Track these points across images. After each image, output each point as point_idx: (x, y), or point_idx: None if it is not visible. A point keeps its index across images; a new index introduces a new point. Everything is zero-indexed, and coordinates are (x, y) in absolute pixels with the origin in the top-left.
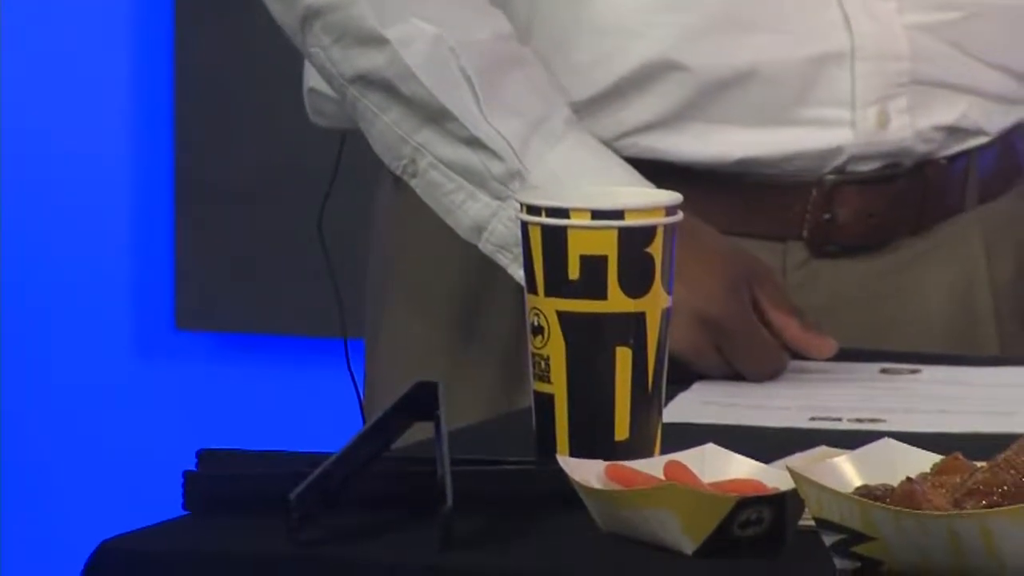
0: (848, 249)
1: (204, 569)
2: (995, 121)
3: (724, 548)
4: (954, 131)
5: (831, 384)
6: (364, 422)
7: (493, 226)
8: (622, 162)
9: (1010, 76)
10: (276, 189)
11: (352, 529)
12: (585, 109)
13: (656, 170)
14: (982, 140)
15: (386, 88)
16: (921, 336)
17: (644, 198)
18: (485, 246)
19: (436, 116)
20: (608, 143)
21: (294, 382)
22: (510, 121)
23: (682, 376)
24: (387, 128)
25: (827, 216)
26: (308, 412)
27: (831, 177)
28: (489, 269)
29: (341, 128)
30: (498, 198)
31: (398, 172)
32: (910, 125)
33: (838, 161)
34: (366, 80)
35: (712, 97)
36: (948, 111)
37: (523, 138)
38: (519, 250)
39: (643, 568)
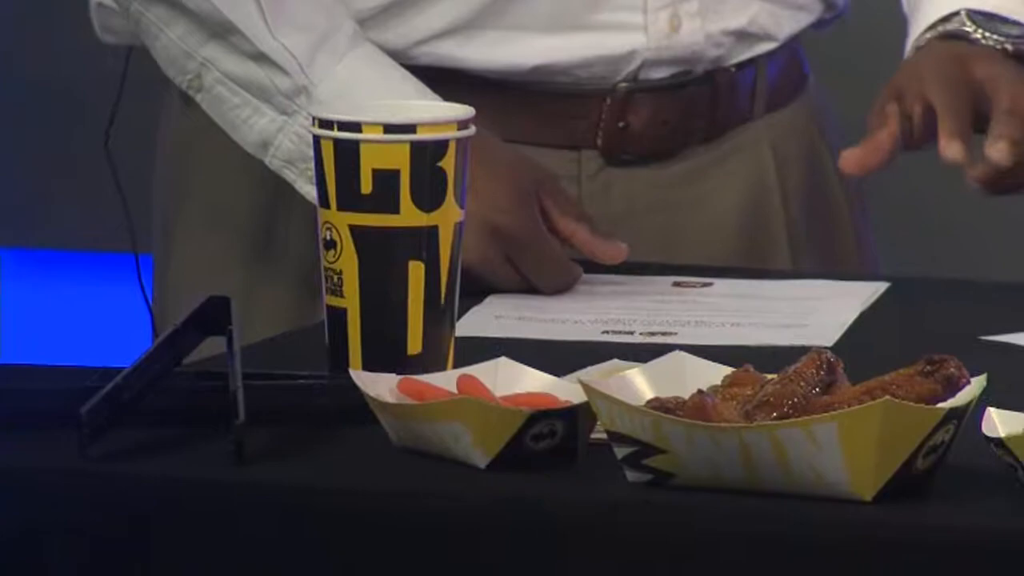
0: (641, 157)
1: None
2: (783, 27)
3: (517, 461)
4: (743, 36)
5: (623, 298)
6: (155, 338)
7: (279, 141)
8: (409, 76)
9: None
10: (65, 105)
11: (144, 444)
12: (378, 17)
13: (449, 79)
14: (771, 46)
15: (170, 2)
16: (714, 244)
17: (437, 112)
18: (272, 161)
19: (221, 31)
20: (401, 52)
21: (84, 297)
22: (296, 36)
23: (475, 290)
24: (171, 43)
25: (621, 124)
26: (99, 327)
27: (624, 85)
28: (281, 184)
29: (130, 44)
30: (284, 113)
31: (184, 87)
32: (701, 29)
33: (631, 67)
34: None
35: (506, 4)
36: (738, 15)
37: (309, 53)
38: (306, 165)
39: (436, 482)
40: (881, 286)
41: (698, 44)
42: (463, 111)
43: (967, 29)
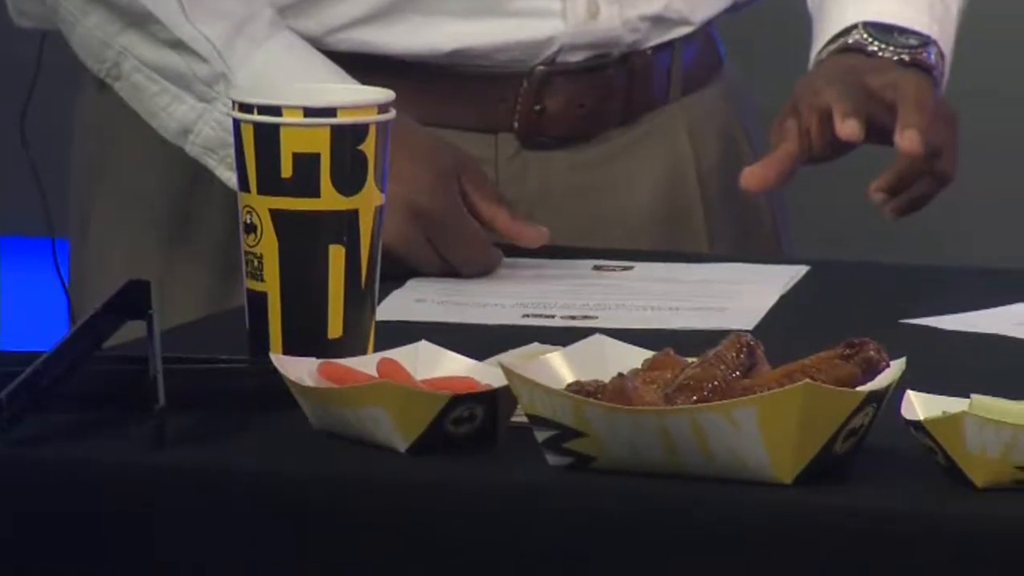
0: (558, 140)
1: None
2: (699, 11)
3: (437, 445)
4: (660, 20)
5: (544, 281)
6: (72, 323)
7: (199, 128)
8: (328, 62)
9: None
10: None
11: (64, 428)
12: (297, 5)
13: (366, 63)
14: (686, 30)
15: None
16: (631, 226)
17: (357, 96)
18: (192, 148)
19: (139, 19)
20: (320, 38)
21: (1, 281)
22: (214, 23)
23: (396, 273)
24: (88, 32)
25: (537, 107)
26: (16, 312)
27: (541, 68)
28: (199, 168)
29: (45, 29)
30: (204, 100)
31: (101, 75)
32: (619, 15)
33: (549, 51)
34: None
35: None
36: (654, 1)
37: (227, 40)
38: (225, 152)
39: (356, 465)
40: (801, 269)
41: (615, 30)
42: (383, 95)
43: (864, 42)
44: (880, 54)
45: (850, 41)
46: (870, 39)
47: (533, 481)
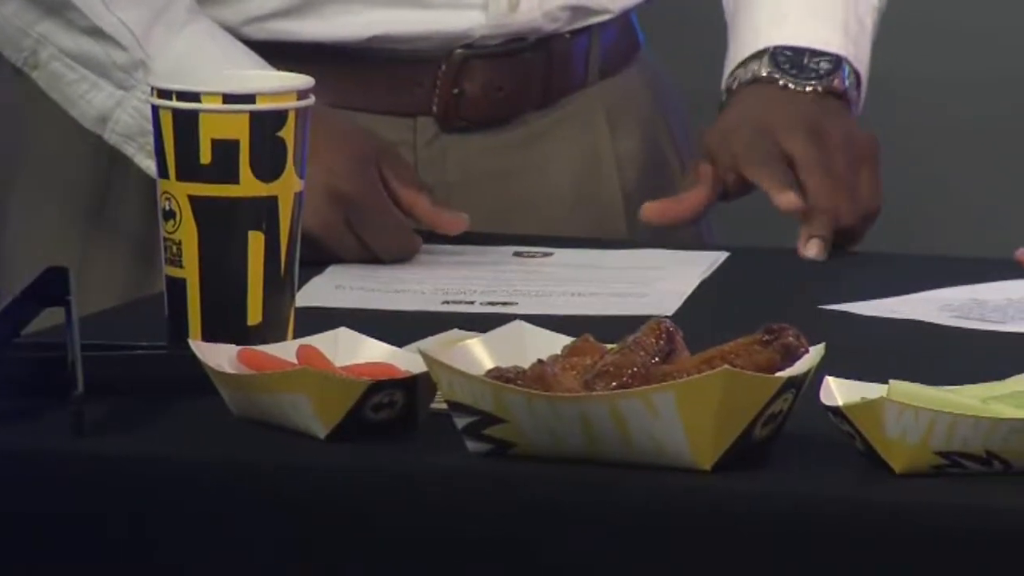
0: (477, 124)
1: None
2: (619, 0)
3: (356, 431)
4: (579, 9)
5: (464, 267)
6: None
7: (118, 116)
8: (246, 49)
9: None
10: None
11: None
12: None
13: (285, 48)
14: (605, 17)
15: None
16: (549, 209)
17: (276, 82)
18: (111, 136)
19: (56, 7)
20: (237, 28)
21: None
22: (132, 10)
23: (315, 260)
24: (5, 21)
25: (456, 91)
26: None
27: (459, 52)
28: (117, 154)
29: None
30: (122, 88)
31: (19, 64)
32: (539, 7)
33: (467, 41)
34: None
35: None
36: None
37: (145, 27)
38: (144, 140)
39: (276, 452)
40: (720, 255)
41: (535, 21)
42: (302, 81)
43: (775, 75)
44: (793, 87)
45: (763, 74)
46: (780, 73)
47: (452, 467)
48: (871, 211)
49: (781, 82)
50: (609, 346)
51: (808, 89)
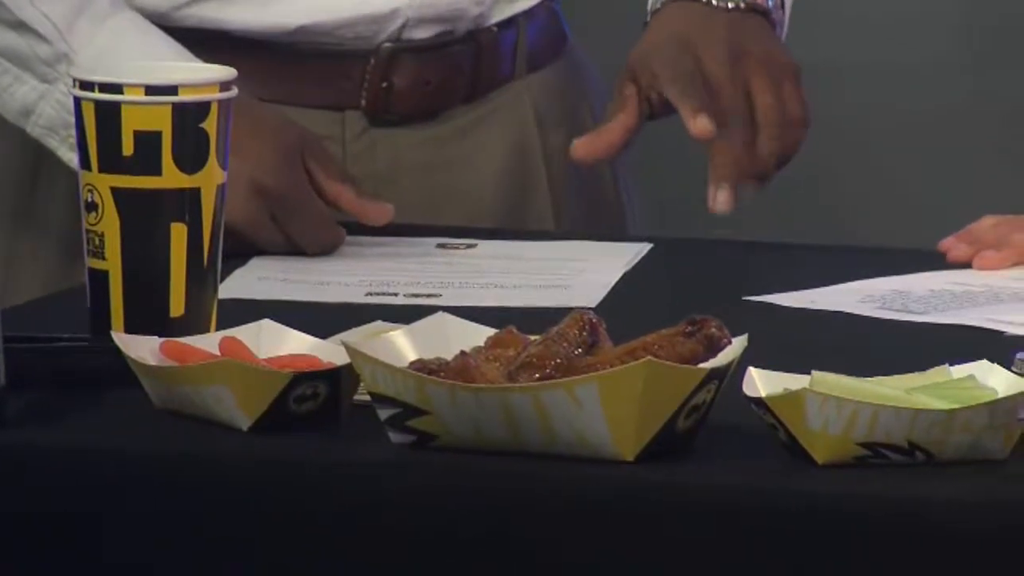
0: (405, 118)
1: None
2: None
3: (280, 423)
4: None
5: (388, 259)
6: None
7: (41, 109)
8: (171, 40)
9: None
10: None
11: None
12: None
13: (212, 41)
14: (530, 3)
15: None
16: (478, 203)
17: (199, 74)
18: (34, 129)
19: None
20: (166, 14)
21: None
22: (55, 4)
23: (239, 251)
24: None
25: (384, 85)
26: None
27: (388, 45)
28: (42, 147)
29: None
30: (45, 81)
31: None
32: None
33: (394, 26)
34: None
35: None
36: None
37: (69, 20)
38: (67, 132)
39: (198, 444)
40: (644, 247)
41: (460, 2)
42: (225, 73)
43: None
44: (715, 3)
45: None
46: None
47: (376, 459)
48: (796, 120)
49: None
50: (532, 337)
51: (731, 5)
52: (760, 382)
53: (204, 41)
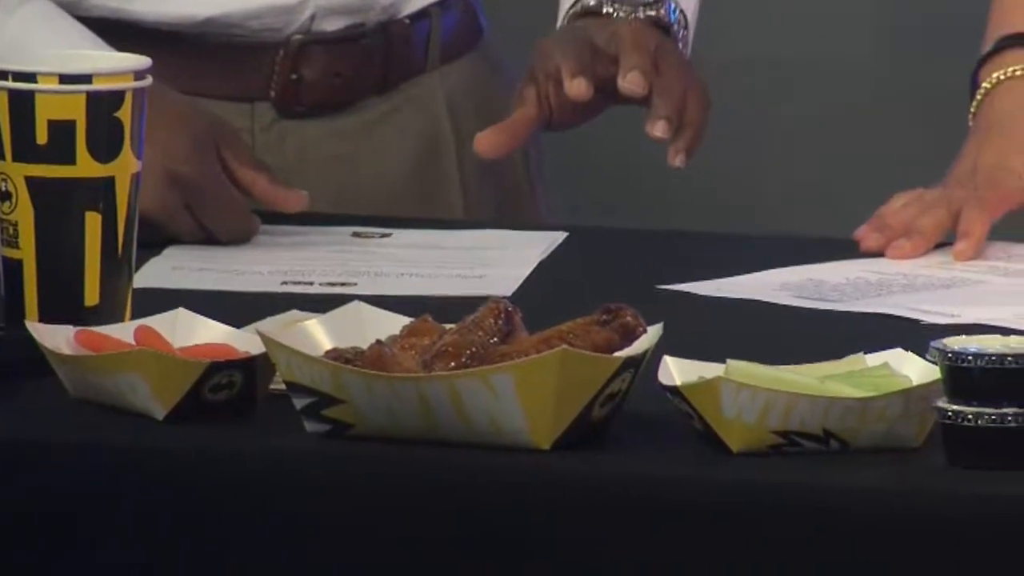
0: (315, 109)
1: None
2: None
3: (195, 412)
4: None
5: (303, 248)
6: None
7: None
8: (84, 29)
9: None
10: None
11: None
12: None
13: (123, 31)
14: None
15: None
16: (389, 195)
17: (113, 62)
18: None
19: None
20: (74, 4)
21: None
22: None
23: (153, 241)
24: None
25: (294, 76)
26: None
27: (297, 37)
28: None
29: None
30: None
31: None
32: None
33: (303, 17)
34: None
35: None
36: None
37: None
38: None
39: (113, 433)
40: (559, 236)
41: None
42: (140, 62)
43: (599, 4)
44: (614, 15)
45: (591, 3)
46: (607, 3)
47: (291, 448)
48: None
49: (605, 10)
50: (448, 326)
51: (632, 17)
52: (675, 371)
53: (112, 31)
